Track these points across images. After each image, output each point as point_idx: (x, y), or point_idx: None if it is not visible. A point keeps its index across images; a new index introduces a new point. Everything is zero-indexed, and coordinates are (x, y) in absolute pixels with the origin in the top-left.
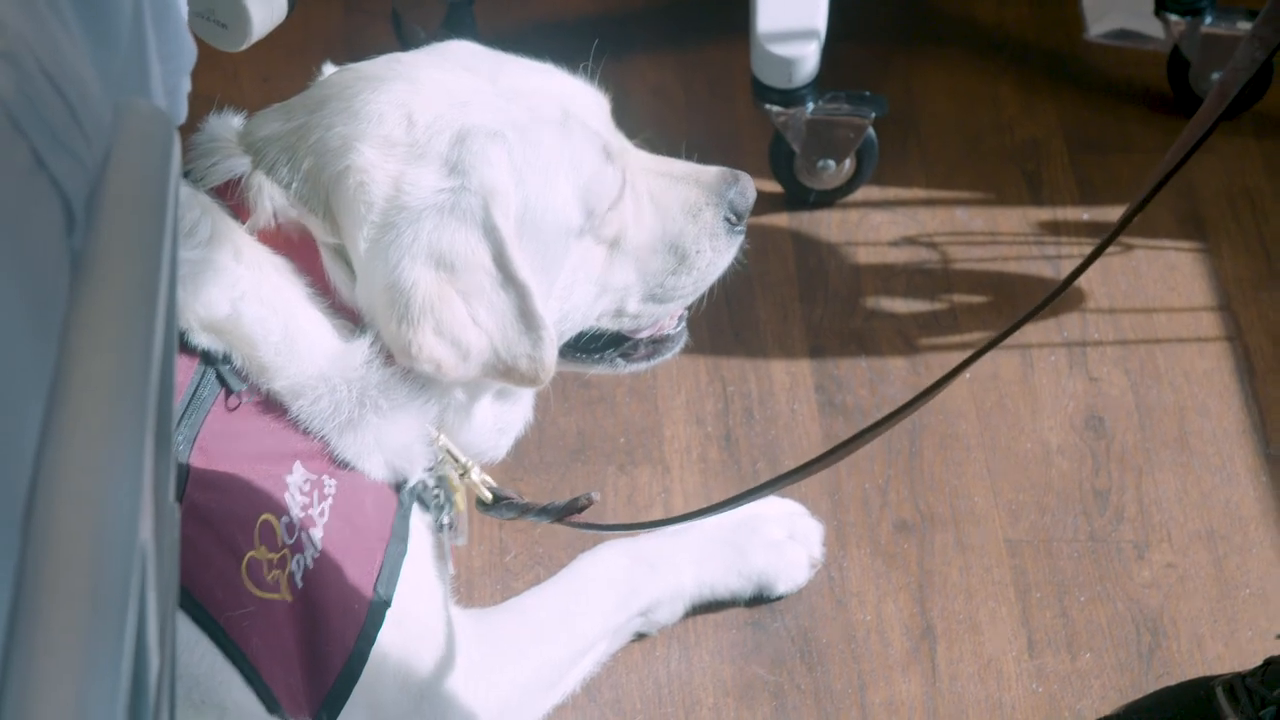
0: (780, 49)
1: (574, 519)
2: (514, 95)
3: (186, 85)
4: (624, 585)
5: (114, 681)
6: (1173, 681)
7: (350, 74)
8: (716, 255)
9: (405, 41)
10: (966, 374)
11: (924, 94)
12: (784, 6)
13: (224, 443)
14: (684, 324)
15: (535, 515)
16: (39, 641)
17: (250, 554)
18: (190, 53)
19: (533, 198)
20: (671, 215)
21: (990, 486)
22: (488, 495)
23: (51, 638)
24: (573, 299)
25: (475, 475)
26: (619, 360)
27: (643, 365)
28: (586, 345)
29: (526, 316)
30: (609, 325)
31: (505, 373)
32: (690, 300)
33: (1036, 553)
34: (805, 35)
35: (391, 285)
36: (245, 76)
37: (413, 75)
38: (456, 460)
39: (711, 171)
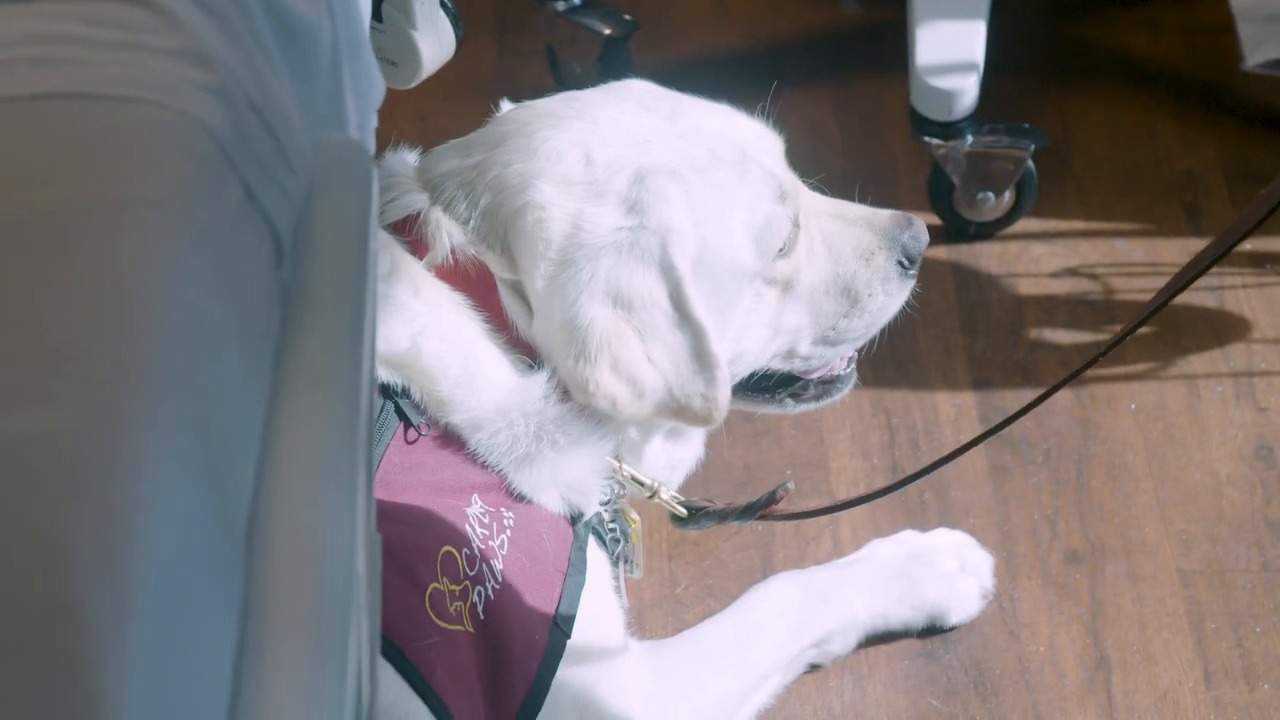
0: (940, 81)
1: (774, 511)
2: (692, 136)
3: (374, 121)
4: (797, 616)
5: (339, 711)
6: None
7: (528, 111)
8: (888, 299)
9: (560, 79)
10: (1131, 404)
11: (1079, 126)
12: (943, 39)
13: (404, 475)
14: (853, 365)
15: (736, 517)
16: (267, 674)
17: (433, 585)
18: (380, 89)
19: (709, 238)
20: (844, 258)
21: (1160, 517)
22: (682, 510)
23: (279, 669)
24: (746, 340)
25: (665, 494)
26: (789, 400)
27: (812, 405)
28: (757, 385)
29: (701, 356)
30: (780, 366)
31: (679, 412)
32: (860, 343)
33: (1210, 583)
34: (964, 68)
35: (569, 322)
36: (402, 116)
37: (591, 114)
38: (643, 484)
39: (884, 215)
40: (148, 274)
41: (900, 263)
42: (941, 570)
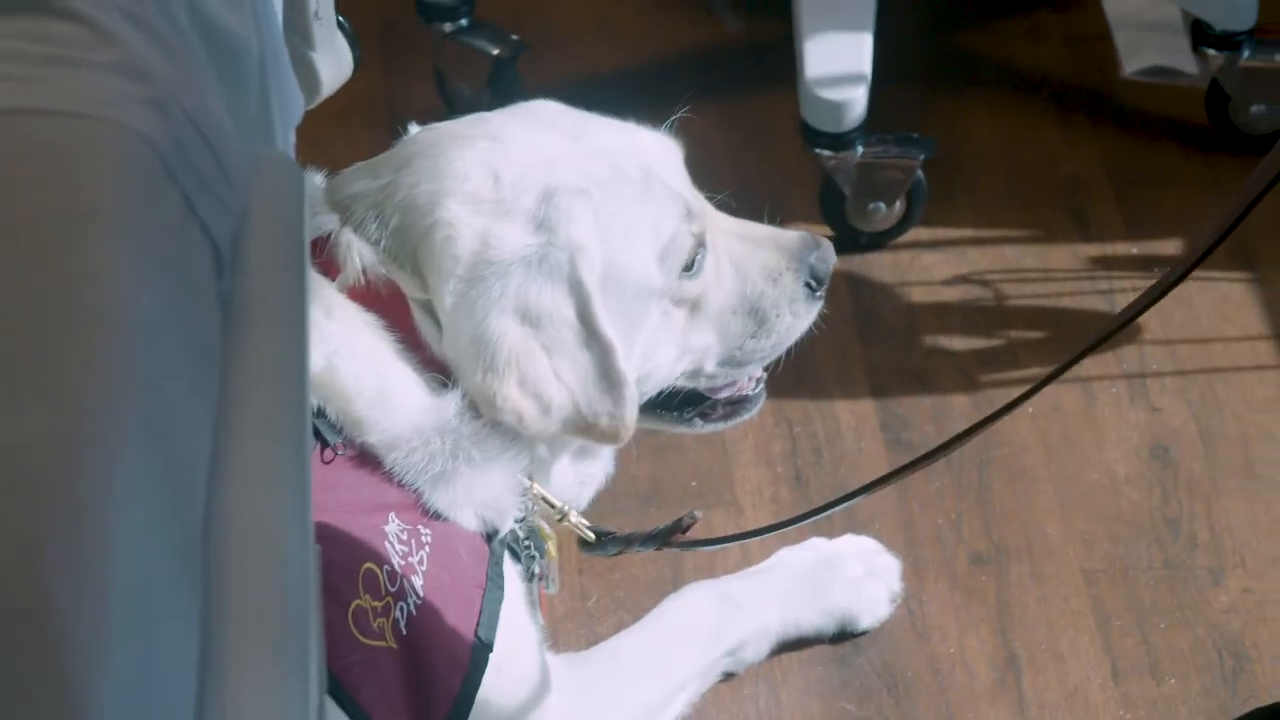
0: (830, 93)
1: (680, 539)
2: (597, 153)
3: (293, 138)
4: (712, 625)
5: (304, 710)
6: (1260, 704)
7: (436, 133)
8: (795, 319)
9: (450, 101)
10: (1029, 408)
11: (966, 135)
12: (831, 52)
13: (321, 494)
14: (762, 385)
15: (641, 544)
16: (230, 673)
17: (355, 602)
18: (299, 106)
19: (616, 255)
20: (752, 279)
21: (1061, 518)
22: (590, 535)
23: (243, 668)
24: (654, 359)
25: (574, 518)
26: (697, 420)
27: (720, 425)
28: (665, 403)
29: (609, 374)
30: (686, 384)
31: (586, 429)
32: (767, 362)
33: (1113, 582)
34: (853, 79)
35: (478, 337)
36: (296, 142)
37: (497, 133)
38: (553, 506)
39: (792, 236)
40: (100, 283)
41: (808, 284)
42: (849, 576)
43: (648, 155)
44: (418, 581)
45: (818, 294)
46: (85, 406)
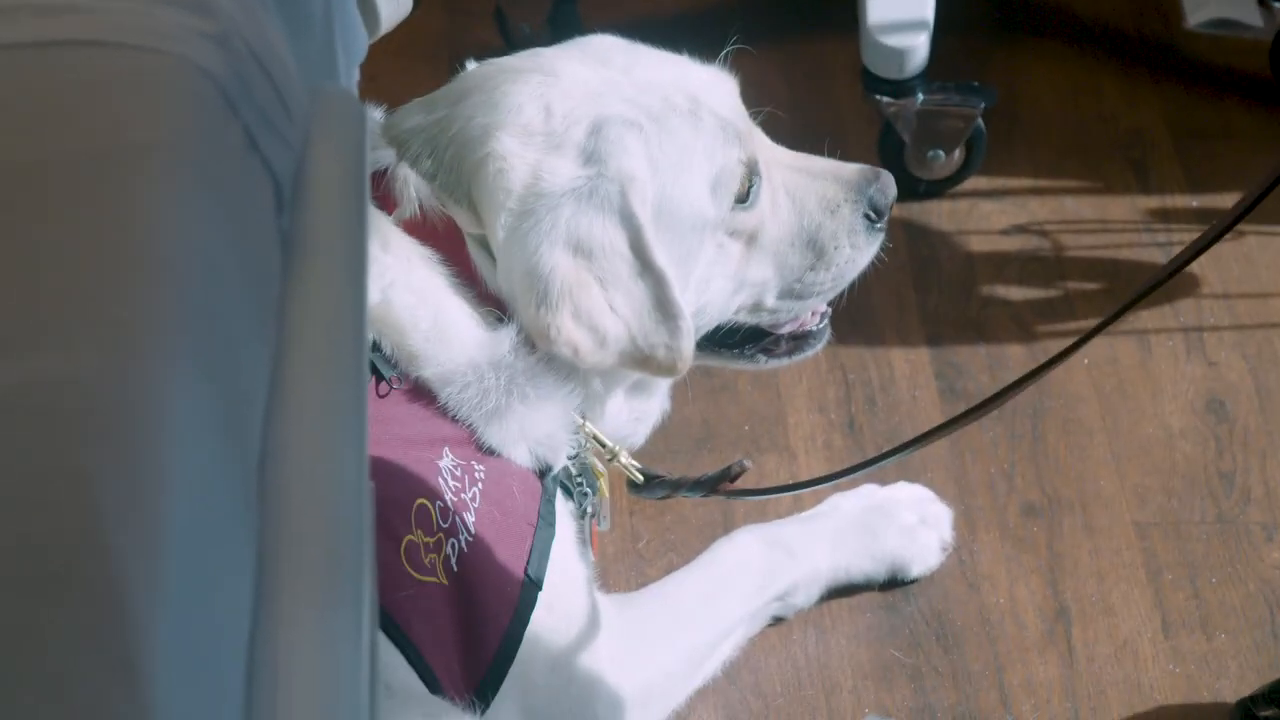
0: (891, 39)
1: (728, 487)
2: (647, 87)
3: (357, 75)
4: (762, 570)
5: (358, 648)
6: None
7: (491, 67)
8: (856, 252)
9: (509, 40)
10: (1084, 359)
11: (1027, 86)
12: None
13: (376, 428)
14: (827, 321)
15: (689, 490)
16: (284, 612)
17: (408, 538)
18: (363, 43)
19: (668, 186)
20: (809, 210)
21: (1115, 470)
22: (639, 476)
23: (296, 608)
24: (709, 292)
25: (624, 459)
26: (760, 356)
27: (784, 361)
28: (725, 339)
29: (663, 305)
30: (747, 319)
31: (643, 361)
32: (829, 297)
33: (1165, 535)
34: (915, 26)
35: (530, 270)
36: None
37: (550, 68)
38: (604, 445)
39: (851, 168)
40: (158, 217)
41: (867, 215)
42: (901, 523)
43: (699, 87)
44: (469, 518)
45: (878, 226)
46: (140, 341)
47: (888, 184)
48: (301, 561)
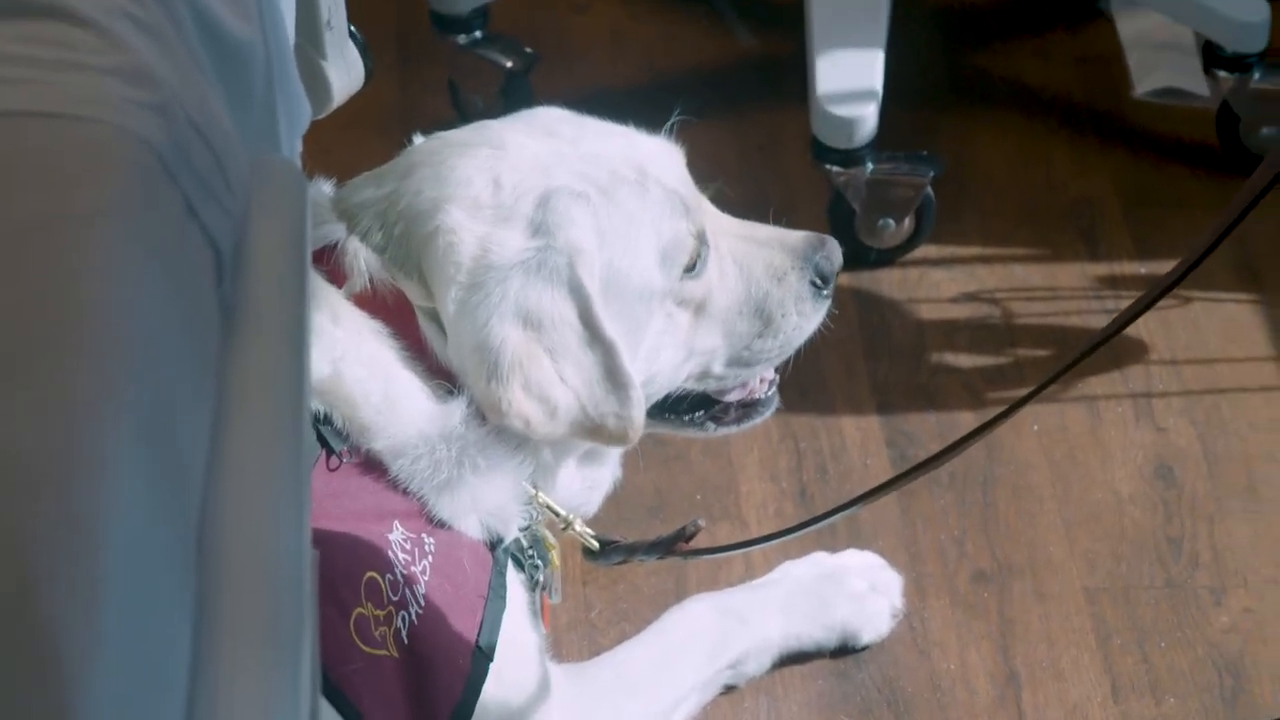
0: (841, 110)
1: (683, 547)
2: (594, 158)
3: (299, 146)
4: (714, 638)
5: (296, 711)
6: None
7: (438, 141)
8: (803, 319)
9: (463, 112)
10: (1034, 425)
11: (976, 154)
12: (842, 69)
13: (327, 501)
14: (775, 389)
15: (644, 553)
16: (222, 678)
17: (358, 610)
18: (306, 113)
19: (616, 258)
20: (756, 278)
21: (1065, 536)
22: (594, 544)
23: (235, 674)
24: (659, 361)
25: (579, 526)
26: (709, 423)
27: (732, 429)
28: (674, 406)
29: (613, 374)
30: (695, 387)
31: (594, 431)
32: (776, 363)
33: (1115, 600)
34: (864, 96)
35: (481, 344)
36: (306, 149)
37: (498, 140)
38: (558, 515)
39: (796, 235)
40: (97, 283)
41: (814, 283)
42: (852, 590)
43: (646, 158)
44: (420, 590)
45: (824, 293)
46: (78, 407)
47: (833, 251)
48: (239, 625)
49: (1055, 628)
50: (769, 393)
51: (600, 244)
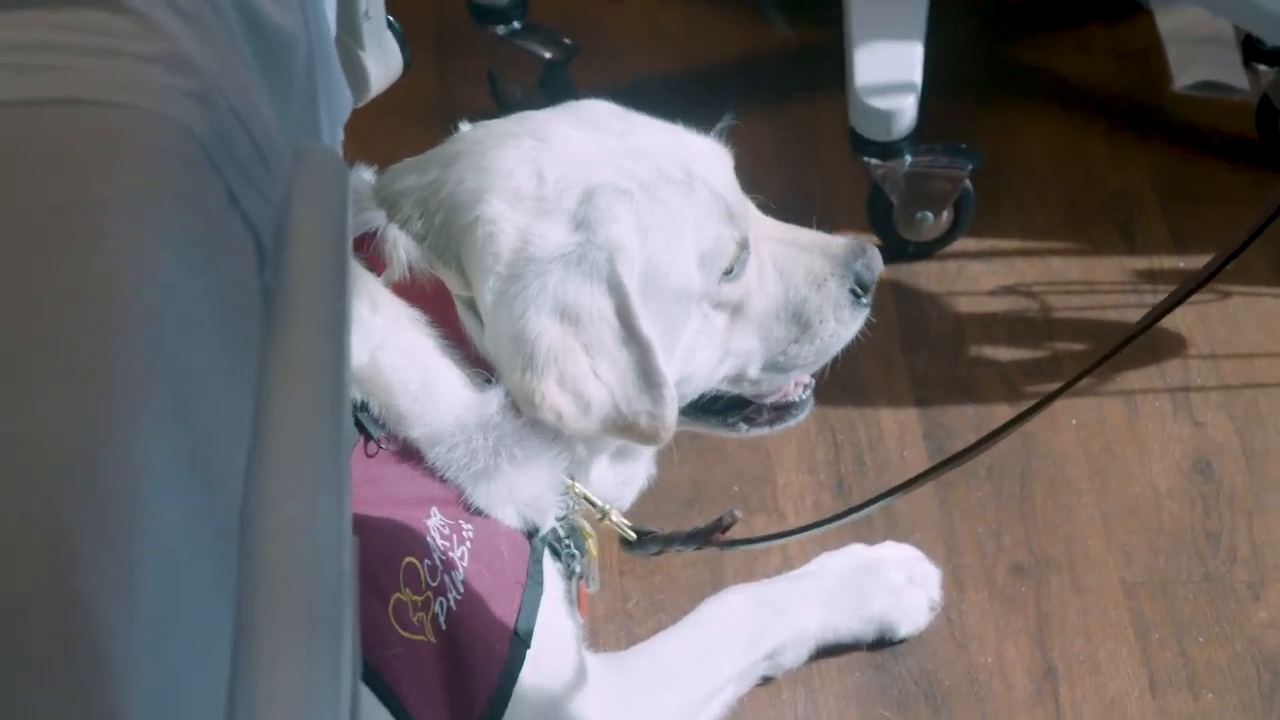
0: (879, 102)
1: (720, 538)
2: (641, 155)
3: (341, 135)
4: (750, 629)
5: (335, 705)
6: None
7: (483, 130)
8: (840, 326)
9: (502, 102)
10: (1071, 419)
11: (1014, 148)
12: (881, 61)
13: (365, 488)
14: (810, 392)
15: (681, 544)
16: (263, 667)
17: (396, 596)
18: (347, 102)
19: (656, 256)
20: (795, 284)
21: (1103, 529)
22: (631, 535)
23: (275, 663)
24: (694, 361)
25: (615, 517)
26: (742, 424)
27: (765, 430)
28: (708, 406)
29: (648, 373)
30: (730, 389)
31: (625, 429)
32: (812, 370)
33: (1153, 594)
34: (903, 88)
35: (517, 335)
36: (346, 139)
37: (542, 132)
38: (594, 505)
39: (839, 242)
40: (136, 272)
41: (853, 290)
42: (890, 583)
43: (693, 158)
44: (458, 576)
45: (863, 301)
46: (111, 396)
47: (874, 259)
48: (281, 612)
49: (1093, 622)
50: (804, 395)
51: (641, 242)
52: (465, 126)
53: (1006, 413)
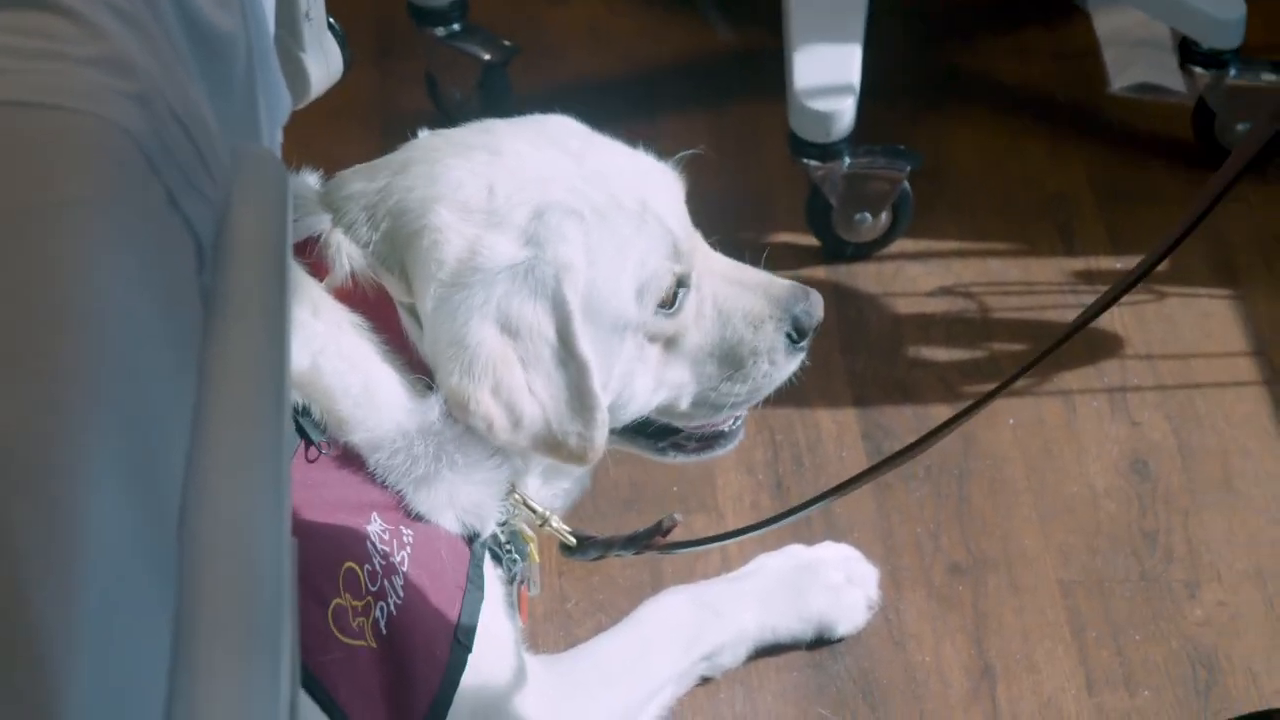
0: (818, 104)
1: (660, 542)
2: (596, 178)
3: (280, 136)
4: (689, 629)
5: (273, 708)
6: (1231, 716)
7: (440, 139)
8: (773, 368)
9: (440, 105)
10: (1009, 419)
11: (952, 150)
12: (820, 63)
13: (305, 492)
14: (741, 423)
15: (620, 548)
16: (201, 670)
17: (336, 601)
18: (286, 103)
19: (599, 281)
20: (733, 323)
21: (1040, 529)
22: (571, 540)
23: (213, 665)
24: (632, 388)
25: (555, 523)
26: (670, 450)
27: (693, 458)
28: (639, 429)
29: (582, 395)
30: (660, 418)
31: (554, 447)
32: (743, 408)
33: (1089, 593)
34: (841, 90)
35: (457, 340)
36: (286, 141)
37: (498, 145)
38: (534, 511)
39: (782, 285)
40: (77, 273)
41: (789, 335)
42: (828, 582)
43: (648, 187)
44: (398, 581)
45: (799, 345)
46: (56, 392)
47: (815, 304)
48: (219, 614)
49: (1030, 621)
50: (734, 426)
51: (587, 264)
52: (424, 133)
53: (945, 413)
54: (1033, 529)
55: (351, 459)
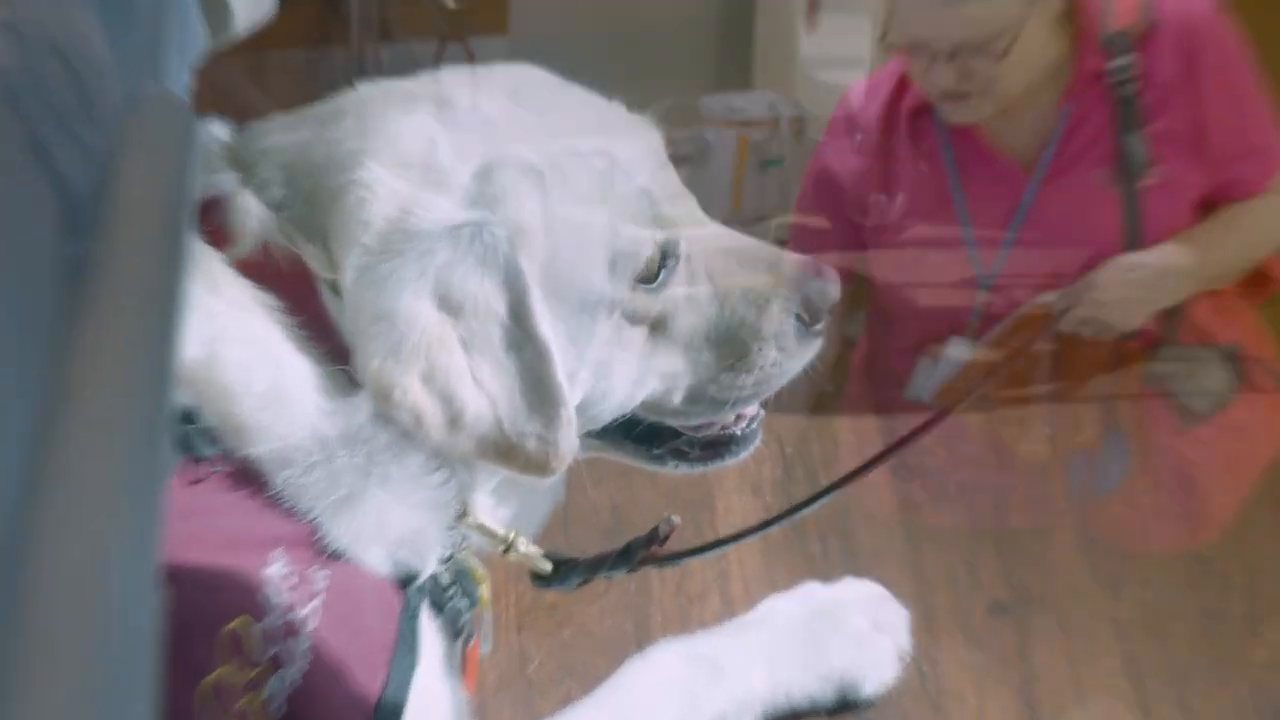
0: None
1: (658, 552)
2: (558, 132)
3: (188, 79)
4: (684, 695)
5: None
6: None
7: (378, 89)
8: (784, 356)
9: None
10: (1048, 432)
11: None
12: None
13: (185, 523)
14: (756, 425)
15: (610, 568)
16: None
17: (216, 674)
18: (200, 43)
19: (561, 249)
20: (731, 302)
21: (1085, 556)
22: (546, 565)
23: None
24: (609, 379)
25: (524, 547)
26: (670, 459)
27: (699, 468)
28: (625, 428)
29: (542, 385)
30: (651, 416)
31: (506, 453)
32: (750, 404)
33: (1146, 633)
34: None
35: (384, 315)
36: (204, 87)
37: (448, 97)
38: (495, 535)
39: (791, 259)
40: None
41: (799, 316)
42: (851, 630)
43: (620, 142)
44: (303, 644)
45: (814, 330)
46: None
47: (829, 282)
48: (53, 694)
49: (1084, 671)
50: (749, 428)
51: (546, 229)
52: (363, 85)
53: (974, 421)
54: (1077, 557)
55: (251, 479)
